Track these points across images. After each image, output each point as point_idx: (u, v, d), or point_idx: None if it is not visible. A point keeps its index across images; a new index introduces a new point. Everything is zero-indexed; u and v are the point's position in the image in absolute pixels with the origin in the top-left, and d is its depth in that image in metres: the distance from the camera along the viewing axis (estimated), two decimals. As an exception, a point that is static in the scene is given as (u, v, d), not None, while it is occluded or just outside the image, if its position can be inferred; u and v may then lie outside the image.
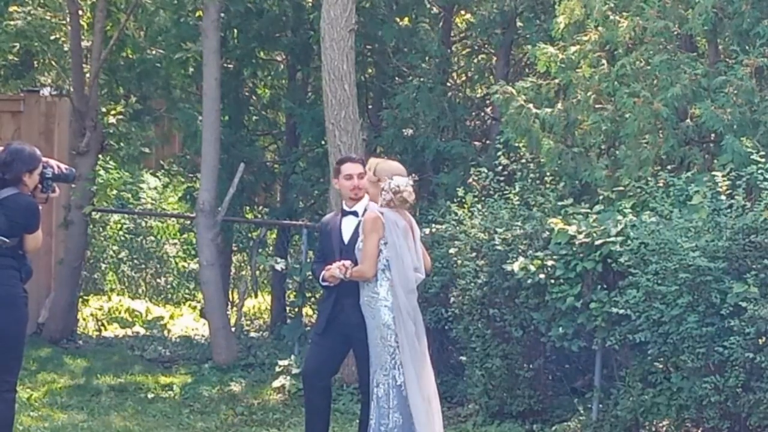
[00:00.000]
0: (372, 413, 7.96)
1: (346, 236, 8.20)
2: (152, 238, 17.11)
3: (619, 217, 9.18)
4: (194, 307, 15.89)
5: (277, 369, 11.33)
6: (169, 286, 16.87)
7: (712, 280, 8.43)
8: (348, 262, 7.99)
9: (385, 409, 7.90)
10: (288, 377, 11.10)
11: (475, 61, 14.13)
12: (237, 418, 10.30)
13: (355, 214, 8.22)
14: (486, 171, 10.63)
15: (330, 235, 8.28)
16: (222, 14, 12.54)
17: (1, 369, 7.50)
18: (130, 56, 14.14)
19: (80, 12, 13.39)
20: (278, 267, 12.38)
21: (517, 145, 10.77)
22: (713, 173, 9.04)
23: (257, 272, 15.22)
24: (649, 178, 9.51)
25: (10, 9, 13.28)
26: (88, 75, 13.14)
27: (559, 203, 10.03)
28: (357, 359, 8.30)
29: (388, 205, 7.94)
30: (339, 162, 8.54)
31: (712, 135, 10.06)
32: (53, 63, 13.95)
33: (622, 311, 8.75)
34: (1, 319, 7.42)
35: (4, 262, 7.47)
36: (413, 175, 8.13)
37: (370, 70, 14.04)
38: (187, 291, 16.73)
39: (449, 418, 9.98)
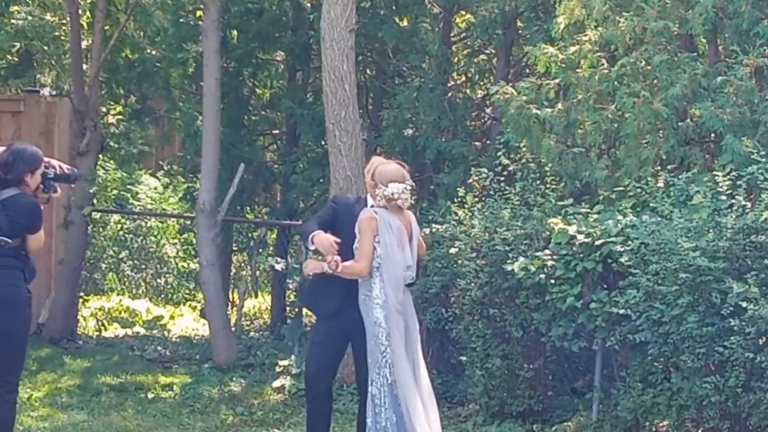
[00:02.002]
0: (368, 412, 7.98)
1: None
2: (152, 238, 17.10)
3: (619, 217, 9.18)
4: (194, 307, 15.88)
5: (277, 369, 11.33)
6: (169, 287, 16.87)
7: (713, 280, 8.42)
8: (338, 258, 7.98)
9: (379, 407, 7.92)
10: (288, 377, 11.10)
11: (476, 61, 14.13)
12: (237, 418, 10.30)
13: None
14: (486, 171, 10.63)
15: (347, 216, 8.21)
16: (222, 14, 12.53)
17: (4, 369, 7.49)
18: (130, 56, 14.14)
19: (80, 12, 13.38)
20: (278, 267, 12.38)
21: (517, 145, 10.77)
22: (713, 173, 9.04)
23: (257, 272, 15.22)
24: (649, 178, 9.51)
25: (11, 9, 13.28)
26: (88, 75, 13.14)
27: (560, 203, 10.04)
28: (355, 358, 8.30)
29: (383, 208, 8.02)
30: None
31: (712, 135, 10.06)
32: (53, 63, 13.95)
33: (622, 311, 8.75)
34: (5, 320, 7.41)
35: (7, 262, 7.45)
36: (409, 180, 8.09)
37: (370, 70, 14.04)
38: (187, 291, 16.72)
39: (449, 418, 9.98)
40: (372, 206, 8.09)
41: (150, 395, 11.08)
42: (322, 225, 8.14)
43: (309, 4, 13.91)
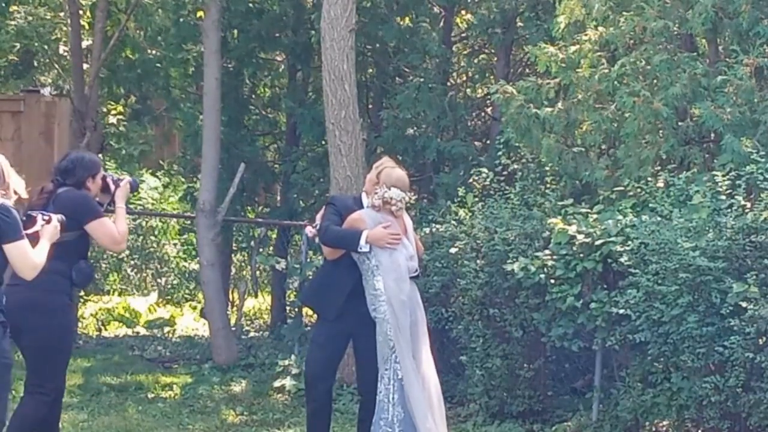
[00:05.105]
0: (376, 408, 7.99)
1: None
2: (153, 238, 17.11)
3: (619, 217, 9.17)
4: (195, 307, 15.89)
5: (278, 369, 11.33)
6: (169, 287, 16.87)
7: (712, 280, 8.42)
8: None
9: (385, 403, 7.93)
10: (288, 377, 11.10)
11: (476, 60, 14.14)
12: (237, 418, 10.30)
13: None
14: (486, 171, 10.63)
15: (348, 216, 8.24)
16: (222, 14, 12.54)
17: (34, 373, 7.30)
18: (130, 56, 14.14)
19: (80, 12, 13.39)
20: (278, 267, 12.38)
21: (517, 144, 10.77)
22: (713, 173, 9.04)
23: (257, 272, 15.22)
24: (649, 178, 9.51)
25: (11, 9, 13.29)
26: (88, 75, 13.14)
27: (559, 203, 10.03)
28: (357, 357, 8.29)
29: (376, 208, 8.09)
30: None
31: (712, 135, 10.06)
32: (53, 63, 13.95)
33: (622, 311, 8.74)
34: (33, 324, 7.16)
35: (50, 265, 6.77)
36: (409, 193, 8.14)
37: (370, 70, 14.05)
38: (187, 291, 16.73)
39: (449, 418, 9.93)
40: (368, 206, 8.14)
41: (150, 395, 11.08)
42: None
43: (309, 4, 13.91)
